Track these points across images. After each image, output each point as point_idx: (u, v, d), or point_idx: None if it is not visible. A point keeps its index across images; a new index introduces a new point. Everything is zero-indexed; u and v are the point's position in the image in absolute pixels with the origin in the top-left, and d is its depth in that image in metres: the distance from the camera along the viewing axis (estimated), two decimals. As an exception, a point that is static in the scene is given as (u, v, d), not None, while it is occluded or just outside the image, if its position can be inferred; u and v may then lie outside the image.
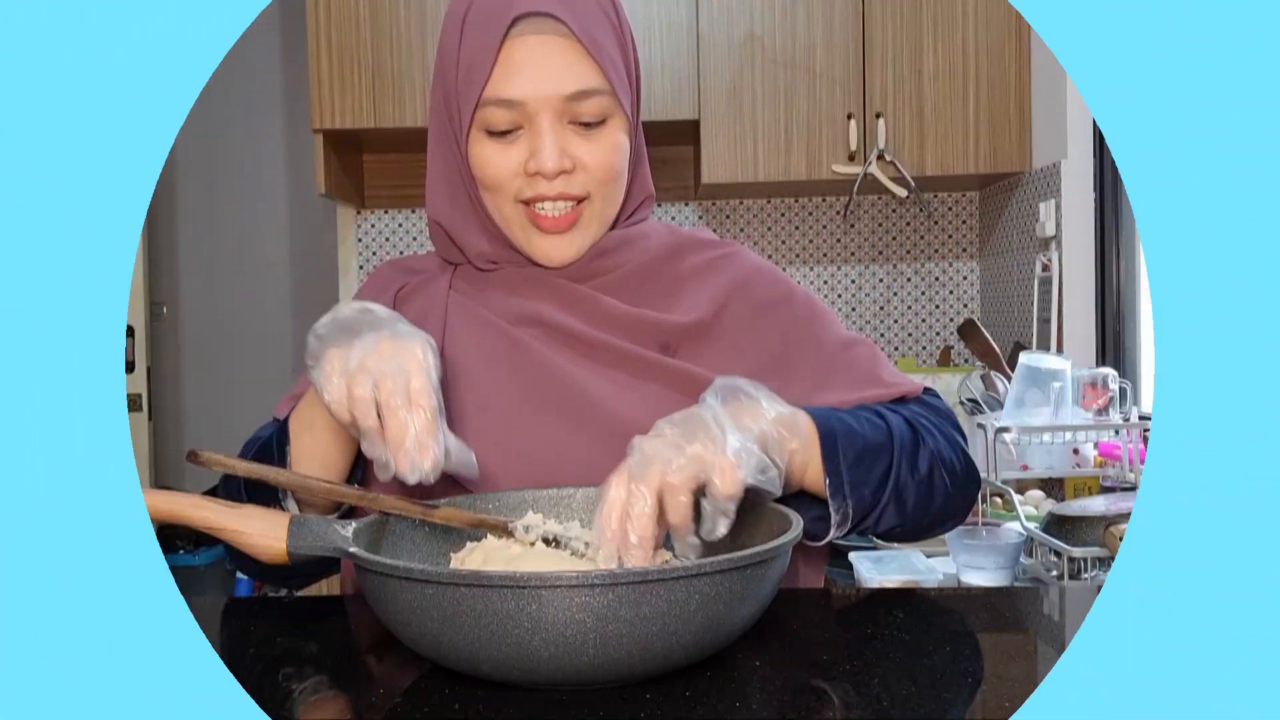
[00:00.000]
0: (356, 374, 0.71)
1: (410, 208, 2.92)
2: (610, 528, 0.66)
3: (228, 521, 0.69)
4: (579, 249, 0.92)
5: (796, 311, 0.95)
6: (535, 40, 0.86)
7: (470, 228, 0.94)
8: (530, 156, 0.87)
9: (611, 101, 0.89)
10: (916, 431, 0.84)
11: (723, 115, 2.51)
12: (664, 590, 0.57)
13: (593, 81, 0.87)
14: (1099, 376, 1.89)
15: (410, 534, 0.76)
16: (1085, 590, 0.95)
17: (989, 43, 2.48)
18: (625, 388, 0.88)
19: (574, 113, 0.87)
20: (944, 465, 0.84)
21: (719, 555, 0.60)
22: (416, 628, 0.60)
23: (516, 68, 0.86)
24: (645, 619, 0.57)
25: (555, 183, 0.88)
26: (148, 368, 2.68)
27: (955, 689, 0.62)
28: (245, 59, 3.57)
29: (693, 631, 0.59)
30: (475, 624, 0.57)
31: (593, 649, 0.57)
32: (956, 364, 2.85)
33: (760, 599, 0.63)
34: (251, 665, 0.69)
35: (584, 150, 0.88)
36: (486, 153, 0.89)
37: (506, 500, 0.80)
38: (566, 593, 0.56)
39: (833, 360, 0.93)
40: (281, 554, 0.69)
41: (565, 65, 0.86)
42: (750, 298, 0.95)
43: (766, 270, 0.99)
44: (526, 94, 0.86)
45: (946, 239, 2.91)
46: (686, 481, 0.67)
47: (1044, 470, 1.95)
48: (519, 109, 0.86)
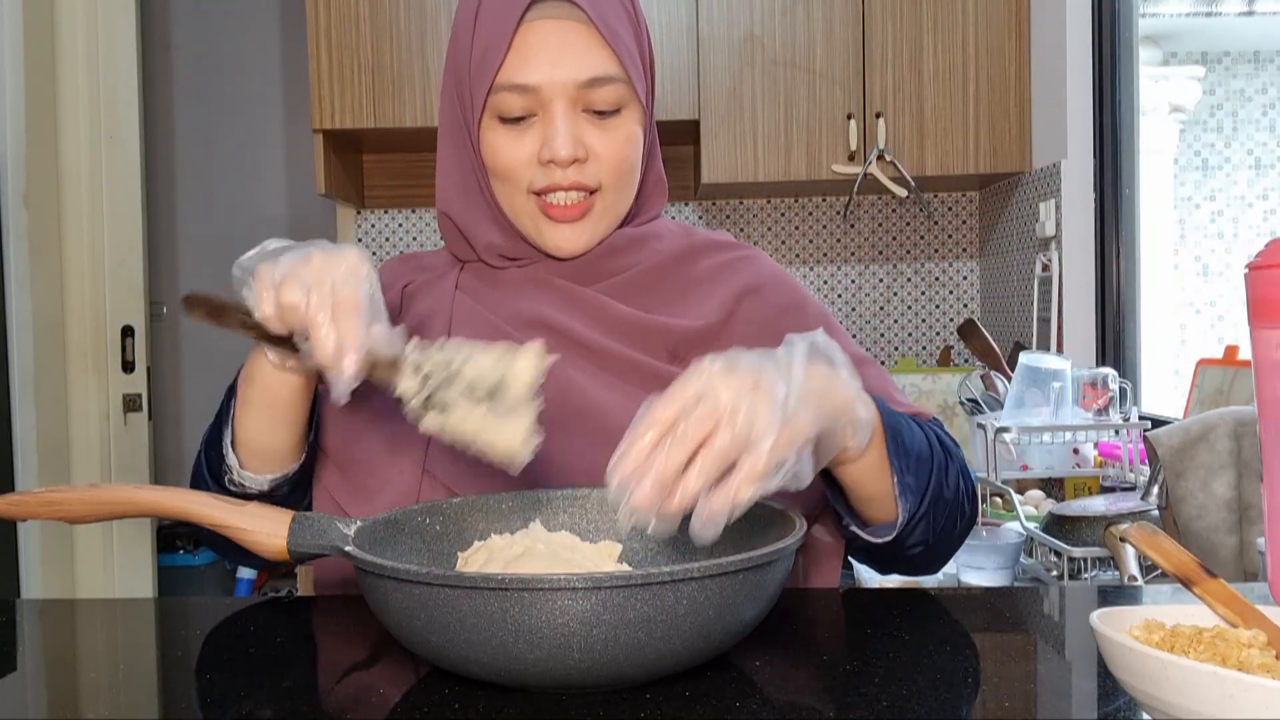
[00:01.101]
0: (285, 283, 0.69)
1: (410, 208, 2.92)
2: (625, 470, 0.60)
3: (232, 519, 0.70)
4: (590, 239, 0.91)
5: (809, 323, 0.93)
6: (551, 25, 0.85)
7: (480, 220, 0.93)
8: (543, 144, 0.86)
9: (627, 90, 0.87)
10: (948, 452, 0.83)
11: (723, 115, 2.50)
12: (649, 595, 0.56)
13: (608, 68, 0.86)
14: (1099, 376, 1.89)
15: (420, 533, 0.75)
16: (1085, 590, 0.95)
17: (989, 43, 2.48)
18: (631, 397, 0.86)
19: (588, 100, 0.86)
20: (964, 489, 0.84)
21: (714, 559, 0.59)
22: (408, 628, 0.60)
23: (531, 52, 0.85)
24: (631, 623, 0.56)
25: (568, 171, 0.86)
26: (148, 368, 2.68)
27: (955, 689, 0.62)
28: (245, 59, 3.57)
29: (683, 636, 0.58)
30: (462, 626, 0.57)
31: (579, 653, 0.56)
32: (956, 364, 2.85)
33: (759, 604, 0.62)
34: (251, 665, 0.69)
35: (597, 139, 0.87)
36: (499, 140, 0.88)
37: (519, 500, 0.79)
38: (550, 595, 0.55)
39: None
40: (283, 551, 0.69)
41: (581, 51, 0.85)
42: (763, 304, 0.93)
43: (782, 277, 0.97)
44: (541, 79, 0.85)
45: (946, 239, 2.91)
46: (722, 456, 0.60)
47: (1044, 470, 1.96)
48: (533, 95, 0.85)
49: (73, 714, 0.61)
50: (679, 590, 0.57)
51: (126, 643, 0.81)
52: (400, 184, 2.91)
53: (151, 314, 2.78)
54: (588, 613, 0.56)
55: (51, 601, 0.91)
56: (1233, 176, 5.44)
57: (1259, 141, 5.43)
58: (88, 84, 2.52)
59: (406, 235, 2.93)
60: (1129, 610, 0.57)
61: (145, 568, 2.72)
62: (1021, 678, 0.66)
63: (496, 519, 0.78)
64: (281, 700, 0.62)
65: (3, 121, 2.28)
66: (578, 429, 0.85)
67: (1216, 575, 0.59)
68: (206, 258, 3.60)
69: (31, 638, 0.81)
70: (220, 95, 3.59)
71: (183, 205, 3.60)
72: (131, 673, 0.71)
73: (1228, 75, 5.43)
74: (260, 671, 0.67)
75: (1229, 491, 1.44)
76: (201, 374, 3.58)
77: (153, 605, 1.03)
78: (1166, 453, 1.49)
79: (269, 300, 0.70)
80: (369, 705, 0.61)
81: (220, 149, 3.59)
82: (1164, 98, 5.02)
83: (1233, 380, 1.85)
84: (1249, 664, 0.52)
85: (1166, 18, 5.01)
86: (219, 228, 3.59)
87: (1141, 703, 0.52)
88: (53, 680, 0.71)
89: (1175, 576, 0.60)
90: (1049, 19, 2.38)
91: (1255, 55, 5.42)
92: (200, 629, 0.80)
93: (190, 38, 3.59)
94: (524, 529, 0.77)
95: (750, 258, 0.97)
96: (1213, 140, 5.45)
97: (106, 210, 2.58)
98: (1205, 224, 5.46)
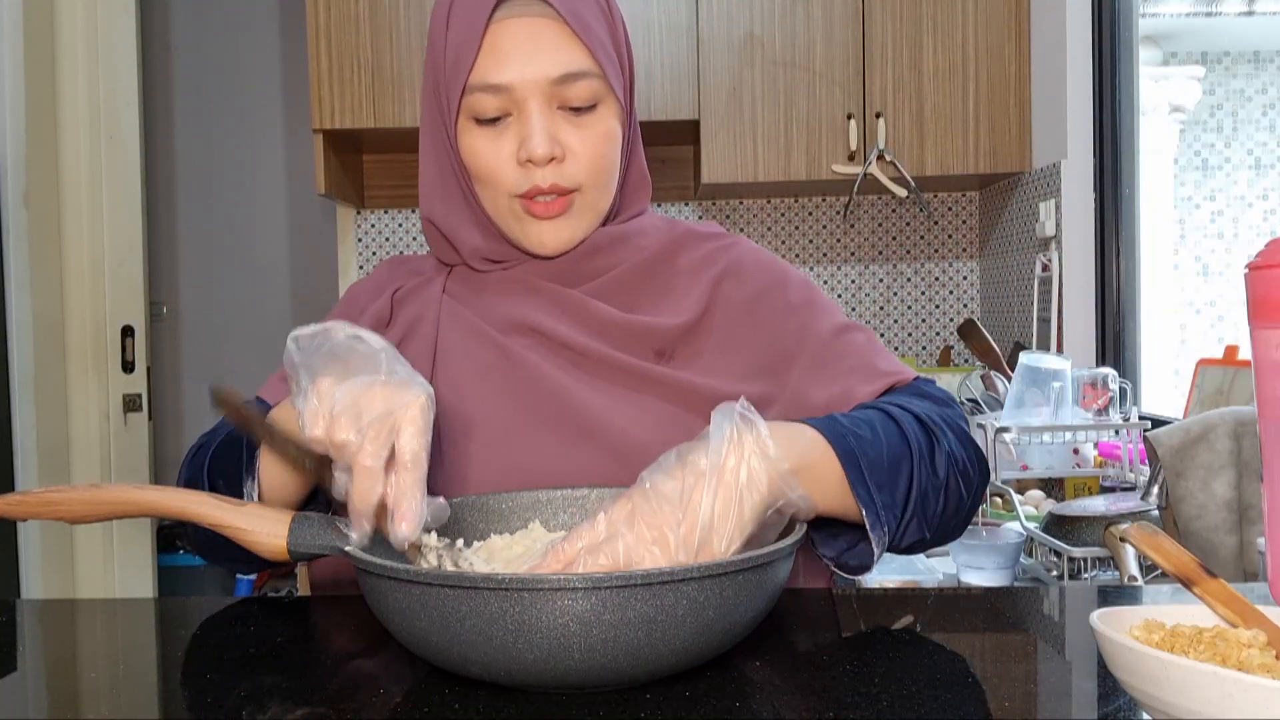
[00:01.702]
0: (341, 416, 0.65)
1: (410, 208, 2.92)
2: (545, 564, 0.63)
3: (231, 519, 0.69)
4: (572, 235, 0.91)
5: (790, 299, 0.92)
6: (521, 23, 0.84)
7: (463, 223, 0.93)
8: (520, 145, 0.86)
9: (602, 85, 0.87)
10: (930, 432, 0.78)
11: (723, 115, 2.50)
12: (649, 594, 0.56)
13: (581, 64, 0.85)
14: (1099, 376, 1.89)
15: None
16: (1085, 590, 0.95)
17: (989, 43, 2.48)
18: (620, 400, 0.87)
19: (563, 97, 0.86)
20: (958, 467, 0.79)
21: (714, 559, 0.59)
22: (409, 628, 0.60)
23: (502, 51, 0.84)
24: (630, 623, 0.56)
25: (547, 171, 0.86)
26: (148, 368, 2.68)
27: (955, 689, 0.62)
28: (245, 59, 3.57)
29: (684, 637, 0.58)
30: (462, 626, 0.57)
31: (579, 653, 0.56)
32: (956, 364, 2.85)
33: (759, 604, 0.62)
34: (251, 665, 0.69)
35: (574, 137, 0.87)
36: (477, 143, 0.87)
37: (519, 501, 0.79)
38: (550, 595, 0.55)
39: (826, 347, 0.89)
40: (282, 551, 0.69)
41: (553, 47, 0.84)
42: (742, 288, 0.93)
43: (761, 258, 0.96)
44: (513, 78, 0.84)
45: (946, 239, 2.91)
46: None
47: (1044, 470, 1.96)
48: (506, 94, 0.85)
49: (73, 714, 0.61)
50: (679, 590, 0.57)
51: (126, 643, 0.80)
52: (400, 184, 2.91)
53: (151, 314, 2.78)
54: (588, 612, 0.55)
55: (51, 601, 0.91)
56: (1233, 176, 5.45)
57: (1259, 141, 5.44)
58: (88, 84, 2.52)
59: (406, 235, 2.93)
60: (1129, 610, 0.57)
61: (145, 568, 2.72)
62: (1021, 678, 0.66)
63: (496, 519, 0.78)
64: (281, 700, 0.62)
65: (3, 121, 2.28)
66: (569, 435, 0.85)
67: (1216, 575, 0.59)
68: (206, 258, 3.59)
69: (31, 638, 0.81)
70: (220, 95, 3.59)
71: (183, 205, 3.60)
72: (131, 673, 0.71)
73: (1228, 75, 5.43)
74: (260, 671, 0.67)
75: (1229, 491, 1.44)
76: (201, 374, 3.58)
77: (153, 605, 1.03)
78: (1166, 453, 1.49)
79: (321, 426, 0.66)
80: (369, 705, 0.61)
81: (220, 149, 3.59)
82: (1164, 98, 5.02)
83: (1233, 380, 1.85)
84: (1249, 664, 0.52)
85: (1166, 18, 5.01)
86: (219, 228, 3.59)
87: (1141, 703, 0.52)
88: (53, 680, 0.71)
89: (1175, 576, 0.60)
90: (1049, 19, 2.38)
91: (1255, 55, 5.42)
92: (200, 629, 0.79)
93: (190, 38, 3.60)
94: (524, 529, 0.77)
95: (731, 245, 0.96)
96: (1213, 140, 5.45)
97: (106, 210, 2.58)
98: (1205, 224, 5.46)
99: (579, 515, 0.79)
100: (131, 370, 2.62)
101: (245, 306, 3.57)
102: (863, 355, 0.89)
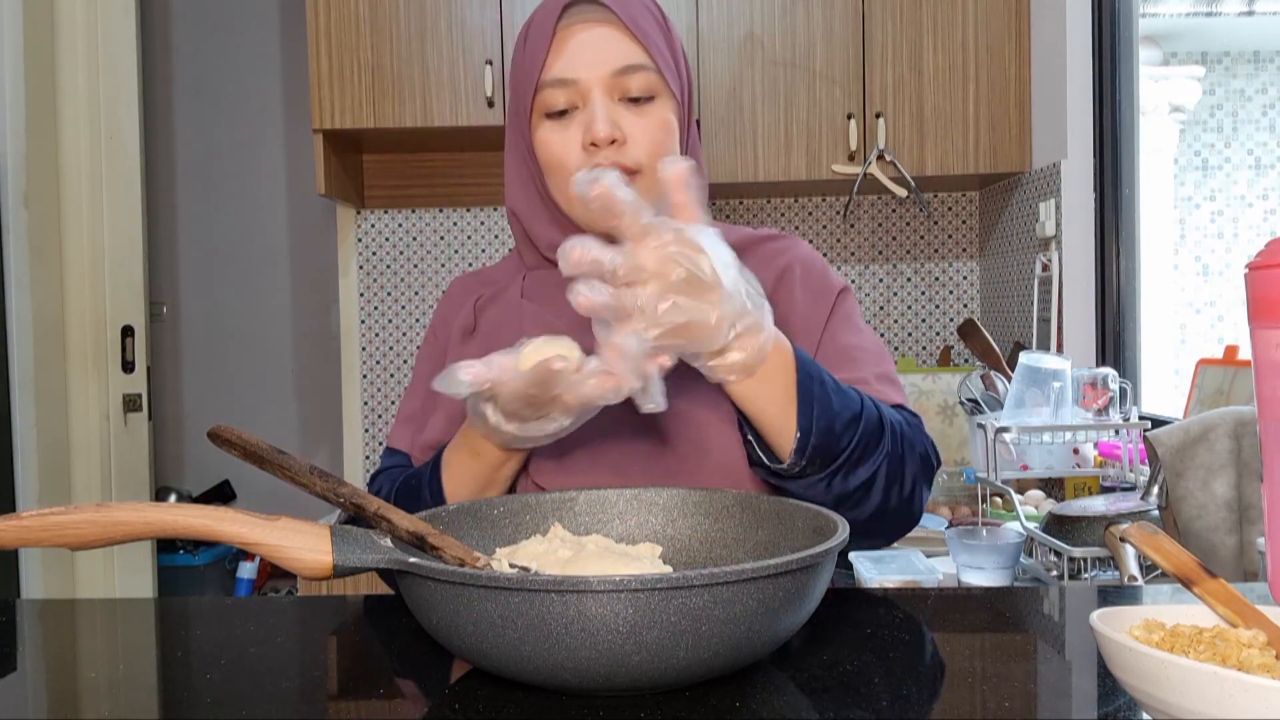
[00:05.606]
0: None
1: (410, 208, 2.92)
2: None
3: (265, 536, 0.64)
4: None
5: (835, 311, 1.01)
6: (586, 29, 0.95)
7: (540, 217, 1.01)
8: (585, 130, 0.94)
9: (657, 79, 0.95)
10: (889, 424, 0.86)
11: (723, 115, 2.50)
12: (708, 595, 0.56)
13: (638, 58, 0.95)
14: (1099, 376, 1.89)
15: (454, 535, 0.76)
16: (1085, 590, 0.95)
17: (989, 43, 2.48)
18: (685, 394, 0.92)
19: (623, 88, 0.94)
20: (900, 450, 0.87)
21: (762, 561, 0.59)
22: (460, 633, 0.59)
23: (569, 52, 0.95)
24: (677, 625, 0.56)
25: (609, 152, 0.94)
26: (147, 368, 2.68)
27: (955, 689, 0.62)
28: (245, 59, 3.57)
29: (727, 639, 0.58)
30: (514, 627, 0.56)
31: (635, 654, 0.56)
32: (956, 364, 2.85)
33: (806, 605, 0.62)
34: (251, 665, 0.69)
35: (633, 124, 0.95)
36: (547, 135, 0.96)
37: (544, 501, 0.81)
38: (607, 597, 0.55)
39: (836, 355, 0.98)
40: (327, 568, 0.64)
41: (613, 45, 0.95)
42: (807, 284, 1.01)
43: (818, 263, 1.05)
44: (578, 72, 0.94)
45: (946, 239, 2.91)
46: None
47: (1044, 470, 1.96)
48: (573, 87, 0.94)
49: (73, 714, 0.61)
50: (734, 590, 0.57)
51: (126, 643, 0.81)
52: (400, 184, 2.91)
53: (151, 314, 2.78)
54: (639, 614, 0.56)
55: (51, 601, 0.91)
56: (1233, 176, 5.45)
57: (1259, 141, 5.44)
58: (88, 84, 2.52)
59: (406, 235, 2.93)
60: (1129, 610, 0.57)
61: (145, 568, 2.72)
62: (1021, 678, 0.66)
63: (518, 521, 0.80)
64: (282, 700, 0.62)
65: (3, 121, 2.28)
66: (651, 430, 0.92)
67: (1216, 575, 0.59)
68: (206, 258, 3.59)
69: (31, 638, 0.81)
70: (220, 95, 3.58)
71: (183, 205, 3.60)
72: (131, 673, 0.71)
73: (1228, 75, 5.43)
74: (260, 671, 0.67)
75: (1229, 491, 1.44)
76: (201, 374, 3.57)
77: (153, 605, 1.03)
78: (1166, 453, 1.49)
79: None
80: (369, 705, 0.61)
81: (220, 149, 3.59)
82: (1164, 98, 5.02)
83: (1233, 380, 1.85)
84: (1249, 664, 0.52)
85: (1166, 18, 5.01)
86: (219, 228, 3.59)
87: (1141, 703, 0.52)
88: (53, 680, 0.71)
89: (1175, 576, 0.60)
90: (1049, 19, 2.38)
91: (1255, 55, 5.42)
92: (200, 629, 0.80)
93: (190, 38, 3.59)
94: (568, 532, 0.78)
95: (790, 246, 1.05)
96: (1213, 140, 5.45)
97: (106, 210, 2.58)
98: (1205, 224, 5.46)
99: (605, 517, 0.81)
100: (131, 370, 2.62)
101: (245, 306, 3.57)
102: (872, 368, 0.97)
